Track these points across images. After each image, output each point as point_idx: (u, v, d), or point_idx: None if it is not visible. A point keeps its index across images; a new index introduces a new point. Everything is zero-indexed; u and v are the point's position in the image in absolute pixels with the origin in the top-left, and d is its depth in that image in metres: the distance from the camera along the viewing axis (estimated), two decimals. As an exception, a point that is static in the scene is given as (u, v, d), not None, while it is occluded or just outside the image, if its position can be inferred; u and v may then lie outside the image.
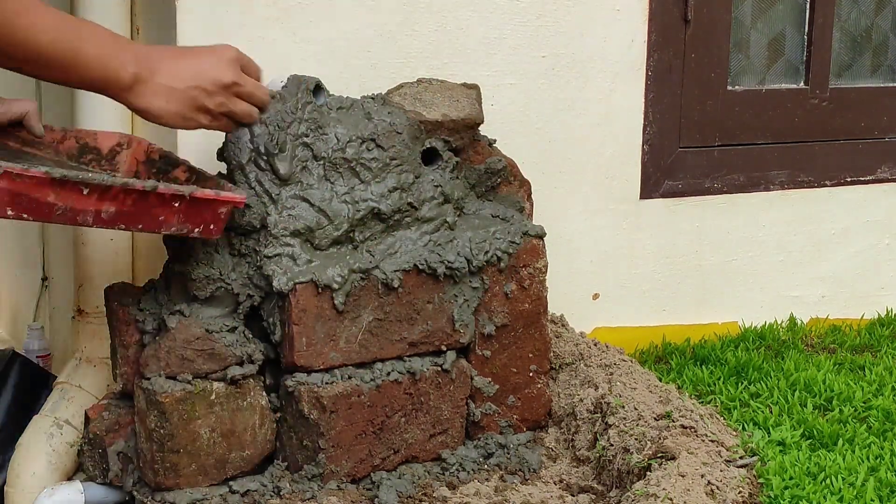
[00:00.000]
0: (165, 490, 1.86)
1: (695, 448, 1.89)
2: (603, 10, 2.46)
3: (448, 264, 1.98)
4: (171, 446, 1.84)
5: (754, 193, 2.73)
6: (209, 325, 1.86)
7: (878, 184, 2.89)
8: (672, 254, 2.66)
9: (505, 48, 2.36)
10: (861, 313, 2.89)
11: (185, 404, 1.83)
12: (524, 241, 2.06)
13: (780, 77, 2.80)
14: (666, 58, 2.56)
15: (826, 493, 1.89)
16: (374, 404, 1.94)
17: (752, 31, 2.76)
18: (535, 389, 2.13)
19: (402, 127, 1.97)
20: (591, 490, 1.97)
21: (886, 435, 2.15)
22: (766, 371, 2.44)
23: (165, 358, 1.83)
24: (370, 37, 2.21)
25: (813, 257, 2.84)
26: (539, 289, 2.09)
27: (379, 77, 2.21)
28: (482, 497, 1.92)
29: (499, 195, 2.13)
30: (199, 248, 1.86)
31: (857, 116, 2.85)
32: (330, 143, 1.92)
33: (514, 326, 2.08)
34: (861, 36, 2.90)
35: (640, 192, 2.59)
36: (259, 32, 2.10)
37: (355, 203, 1.93)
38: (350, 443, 1.93)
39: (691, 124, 2.63)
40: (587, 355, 2.25)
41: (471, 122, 2.06)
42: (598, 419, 2.06)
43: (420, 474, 1.99)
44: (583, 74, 2.47)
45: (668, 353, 2.61)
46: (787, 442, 2.08)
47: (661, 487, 1.76)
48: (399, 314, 1.96)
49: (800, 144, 2.79)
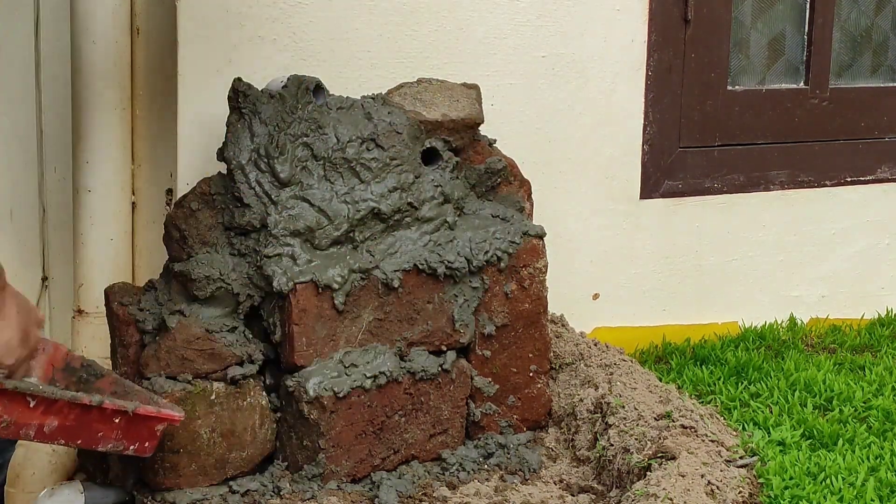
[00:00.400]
0: (165, 490, 1.86)
1: (695, 448, 1.89)
2: (603, 10, 2.46)
3: (448, 264, 1.98)
4: (171, 446, 1.83)
5: (754, 193, 2.73)
6: (209, 325, 1.86)
7: (878, 184, 2.89)
8: (672, 254, 2.66)
9: (505, 48, 2.36)
10: (861, 313, 2.89)
11: (185, 404, 1.83)
12: (524, 241, 2.06)
13: (780, 77, 2.80)
14: (666, 58, 2.56)
15: (826, 493, 1.89)
16: (374, 404, 1.94)
17: (752, 31, 2.76)
18: (535, 389, 2.13)
19: (402, 127, 1.97)
20: (591, 490, 1.97)
21: (886, 435, 2.15)
22: (766, 371, 2.44)
23: (165, 358, 1.83)
24: (370, 37, 2.21)
25: (813, 257, 2.84)
26: (539, 289, 2.09)
27: (379, 77, 2.21)
28: (482, 497, 1.92)
29: (499, 195, 2.13)
30: (199, 248, 1.86)
31: (857, 116, 2.85)
32: (330, 143, 1.92)
33: (514, 326, 2.08)
34: (861, 36, 2.90)
35: (640, 192, 2.59)
36: (259, 32, 2.10)
37: (355, 203, 1.93)
38: (350, 443, 1.93)
39: (691, 124, 2.63)
40: (587, 355, 2.25)
41: (471, 122, 2.06)
42: (598, 419, 2.06)
43: (420, 474, 1.99)
44: (583, 74, 2.47)
45: (668, 353, 2.61)
46: (787, 442, 2.08)
47: (661, 487, 1.76)
48: (399, 314, 1.96)
49: (800, 144, 2.78)
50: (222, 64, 2.08)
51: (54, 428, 1.61)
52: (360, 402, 1.92)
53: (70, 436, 1.64)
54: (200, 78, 2.08)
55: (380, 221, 1.96)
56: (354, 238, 1.94)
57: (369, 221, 1.94)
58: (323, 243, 1.90)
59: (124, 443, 1.70)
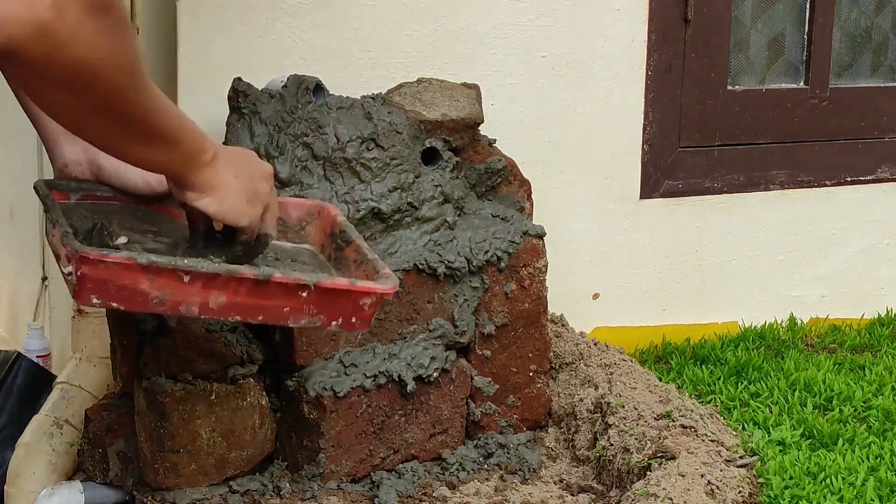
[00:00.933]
0: (165, 490, 1.86)
1: (695, 448, 1.89)
2: (603, 10, 2.46)
3: (448, 264, 1.98)
4: (171, 446, 1.83)
5: (754, 193, 2.73)
6: (209, 325, 1.86)
7: (878, 184, 2.89)
8: (672, 254, 2.66)
9: (505, 48, 2.36)
10: (861, 313, 2.89)
11: (185, 404, 1.83)
12: (524, 240, 2.06)
13: (780, 77, 2.80)
14: (666, 58, 2.56)
15: (826, 493, 1.89)
16: (374, 404, 1.94)
17: (752, 31, 2.75)
18: (535, 389, 2.13)
19: (402, 127, 1.97)
20: (591, 490, 1.97)
21: (886, 435, 2.15)
22: (766, 371, 2.44)
23: (165, 358, 1.83)
24: (370, 37, 2.21)
25: (813, 257, 2.84)
26: (539, 289, 2.09)
27: (379, 77, 2.21)
28: (482, 497, 1.92)
29: (499, 195, 2.13)
30: (200, 247, 1.85)
31: (857, 116, 2.85)
32: (330, 143, 1.92)
33: (514, 326, 2.08)
34: (861, 36, 2.90)
35: (640, 192, 2.59)
36: (259, 32, 2.10)
37: (355, 203, 1.93)
38: (350, 443, 1.93)
39: (691, 124, 2.63)
40: (587, 355, 2.25)
41: (471, 122, 2.06)
42: (598, 419, 2.06)
43: (420, 474, 1.99)
44: (583, 74, 2.47)
45: (668, 352, 2.61)
46: (787, 442, 2.08)
47: (661, 487, 1.76)
48: (399, 314, 1.96)
49: (800, 144, 2.78)
50: (222, 64, 2.08)
51: (223, 304, 1.44)
52: (360, 402, 1.92)
53: (247, 312, 1.46)
54: (200, 78, 2.08)
55: (380, 221, 1.96)
56: (354, 238, 1.94)
57: (369, 221, 1.94)
58: (323, 243, 1.91)
59: (321, 317, 1.51)
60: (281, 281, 1.46)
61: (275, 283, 1.46)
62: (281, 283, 1.46)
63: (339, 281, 1.52)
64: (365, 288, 1.52)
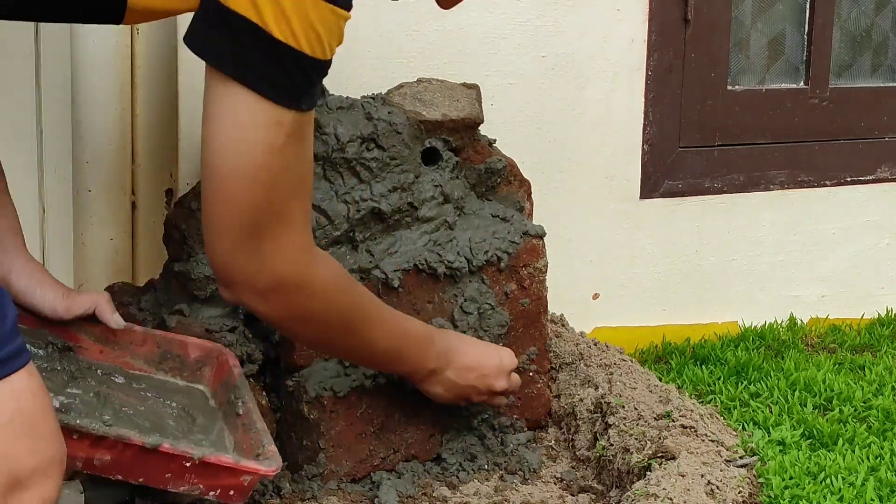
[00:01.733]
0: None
1: (695, 448, 1.89)
2: (603, 10, 2.46)
3: (448, 264, 1.98)
4: (170, 446, 1.83)
5: (754, 193, 2.73)
6: (209, 325, 1.86)
7: (878, 184, 2.89)
8: (672, 254, 2.66)
9: (505, 48, 2.36)
10: (861, 313, 2.89)
11: (184, 404, 1.83)
12: (524, 240, 2.06)
13: (780, 77, 2.80)
14: (666, 58, 2.56)
15: (826, 493, 1.89)
16: (375, 404, 1.94)
17: (752, 31, 2.76)
18: (535, 389, 2.13)
19: (402, 127, 1.97)
20: (591, 490, 1.97)
21: (886, 435, 2.15)
22: (766, 371, 2.44)
23: (165, 358, 1.83)
24: (370, 37, 2.21)
25: (813, 257, 2.84)
26: (539, 288, 2.09)
27: (379, 77, 2.21)
28: (482, 497, 1.92)
29: (499, 195, 2.13)
30: (199, 248, 1.85)
31: (857, 116, 2.85)
32: (330, 143, 1.92)
33: (514, 326, 2.08)
34: (861, 36, 2.90)
35: (640, 192, 2.59)
36: (259, 32, 2.10)
37: (355, 203, 1.93)
38: (350, 443, 1.93)
39: (691, 124, 2.63)
40: (587, 355, 2.25)
41: (471, 122, 2.06)
42: (598, 419, 2.06)
43: (420, 474, 1.99)
44: (583, 74, 2.47)
45: (668, 352, 2.61)
46: (787, 442, 2.08)
47: (661, 487, 1.76)
48: (399, 314, 1.96)
49: (800, 144, 2.79)
50: (222, 64, 2.07)
51: (107, 462, 1.50)
52: (360, 402, 1.92)
53: (129, 472, 1.51)
54: (201, 78, 2.07)
55: (380, 221, 1.96)
56: (354, 238, 1.94)
57: (369, 221, 1.94)
58: (322, 243, 1.90)
59: (200, 487, 1.53)
60: (167, 451, 1.50)
61: (162, 452, 1.50)
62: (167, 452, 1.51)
63: (224, 458, 1.54)
64: (248, 468, 1.55)
